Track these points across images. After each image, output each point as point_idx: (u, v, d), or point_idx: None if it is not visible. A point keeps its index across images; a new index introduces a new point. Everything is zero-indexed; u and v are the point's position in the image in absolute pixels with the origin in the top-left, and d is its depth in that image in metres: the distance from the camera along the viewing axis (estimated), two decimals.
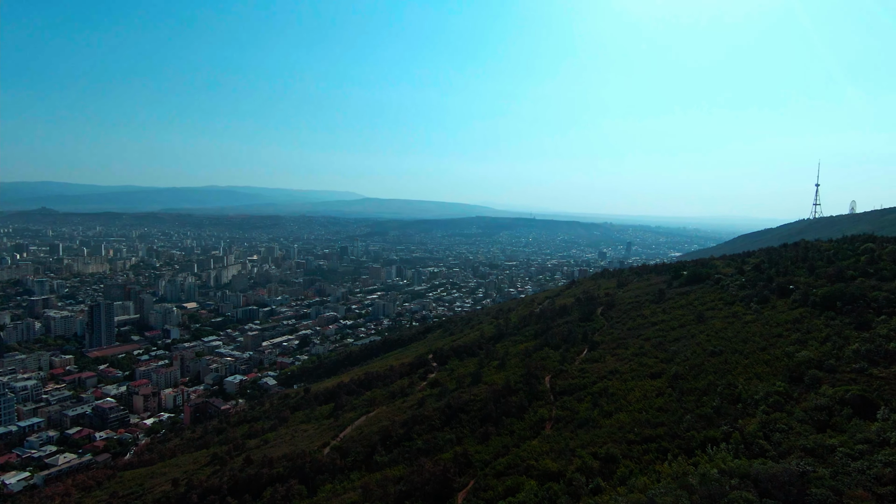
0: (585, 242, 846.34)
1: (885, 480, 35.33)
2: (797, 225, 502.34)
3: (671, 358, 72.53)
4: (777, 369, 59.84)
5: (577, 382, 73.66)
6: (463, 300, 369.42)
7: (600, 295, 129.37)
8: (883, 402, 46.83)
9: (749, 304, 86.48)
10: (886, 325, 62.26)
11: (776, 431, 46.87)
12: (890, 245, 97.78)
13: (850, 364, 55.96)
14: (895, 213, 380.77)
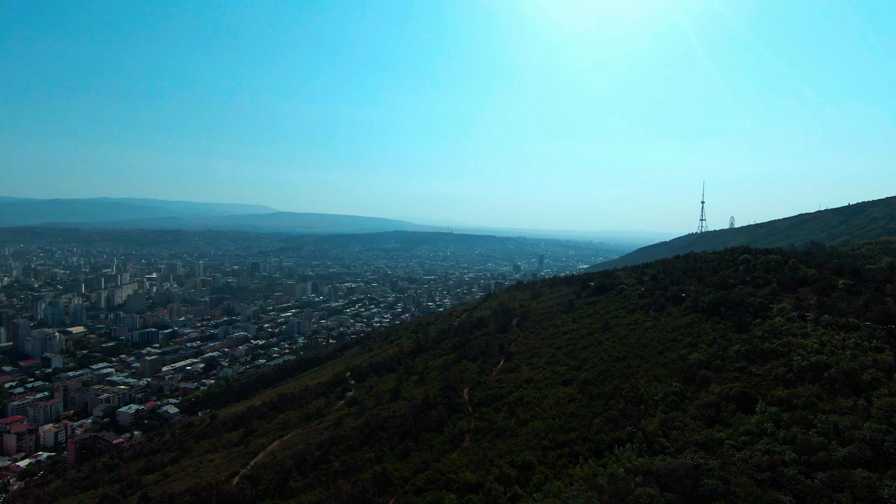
0: (501, 256, 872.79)
1: (764, 467, 39.41)
2: (687, 238, 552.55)
3: (581, 365, 76.39)
4: (673, 371, 65.04)
5: (495, 393, 75.23)
6: (381, 315, 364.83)
7: (515, 307, 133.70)
8: (761, 397, 52.44)
9: (648, 312, 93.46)
10: (761, 327, 69.97)
11: (673, 429, 50.79)
12: (763, 256, 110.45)
13: (733, 363, 62.17)
14: (767, 227, 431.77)
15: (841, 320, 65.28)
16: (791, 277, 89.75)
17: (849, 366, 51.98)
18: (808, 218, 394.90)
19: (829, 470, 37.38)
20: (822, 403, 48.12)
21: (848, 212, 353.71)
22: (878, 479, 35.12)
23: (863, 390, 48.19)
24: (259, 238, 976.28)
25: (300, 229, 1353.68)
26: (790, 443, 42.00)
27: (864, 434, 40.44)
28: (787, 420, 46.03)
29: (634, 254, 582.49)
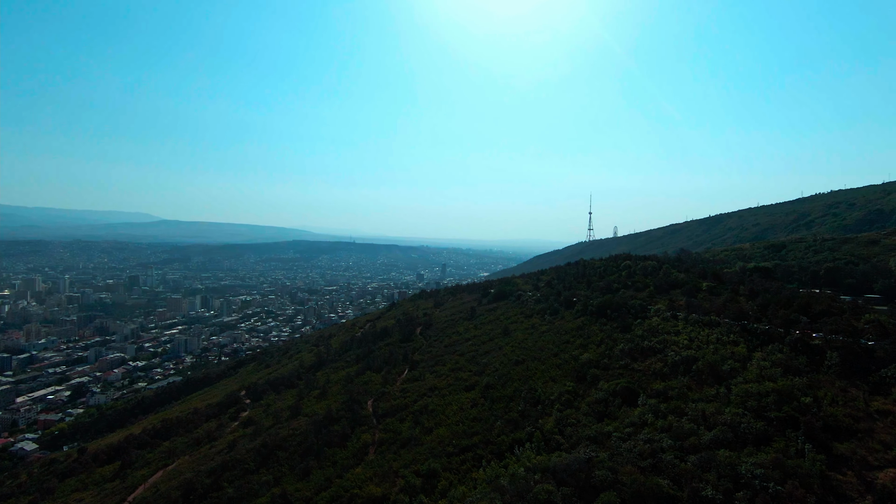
0: (404, 265, 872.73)
1: (646, 455, 43.10)
2: (577, 246, 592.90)
3: (483, 370, 78.55)
4: (567, 371, 69.14)
5: (399, 403, 74.82)
6: (280, 329, 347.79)
7: (419, 315, 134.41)
8: (642, 391, 57.43)
9: (544, 316, 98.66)
10: (641, 327, 76.80)
11: (568, 426, 53.92)
12: (642, 262, 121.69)
13: (618, 361, 67.53)
14: (645, 236, 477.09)
15: (705, 318, 73.62)
16: (665, 281, 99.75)
17: (712, 358, 58.72)
18: (678, 228, 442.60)
19: (698, 453, 41.85)
20: (692, 393, 53.84)
21: (709, 223, 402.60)
22: (737, 458, 39.95)
23: (724, 379, 54.67)
24: (139, 249, 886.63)
25: (188, 239, 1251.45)
26: (667, 431, 46.44)
27: (726, 418, 45.87)
28: (664, 410, 50.87)
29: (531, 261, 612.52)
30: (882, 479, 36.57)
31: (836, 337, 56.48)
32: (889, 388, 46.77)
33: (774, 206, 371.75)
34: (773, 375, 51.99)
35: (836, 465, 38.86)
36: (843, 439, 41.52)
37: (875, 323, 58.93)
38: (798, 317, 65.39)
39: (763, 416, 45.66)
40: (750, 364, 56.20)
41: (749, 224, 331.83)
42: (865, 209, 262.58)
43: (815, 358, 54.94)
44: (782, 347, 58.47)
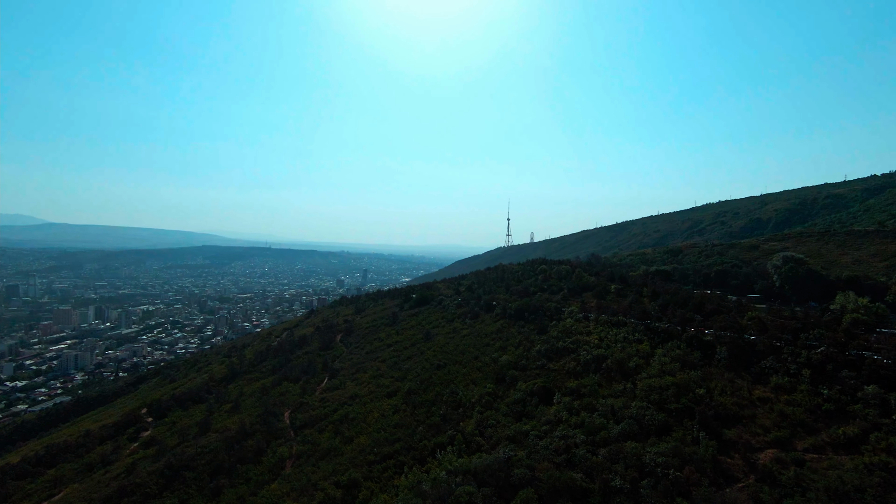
0: (324, 271, 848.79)
1: (561, 451, 44.98)
2: (497, 251, 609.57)
3: (405, 376, 78.25)
4: (487, 374, 70.64)
5: (319, 413, 72.56)
6: (187, 341, 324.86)
7: (339, 322, 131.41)
8: (557, 389, 59.98)
9: (465, 320, 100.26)
10: (556, 328, 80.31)
11: (488, 427, 55.05)
12: (556, 266, 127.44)
13: (535, 362, 70.11)
14: (560, 241, 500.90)
15: (614, 318, 78.42)
16: (578, 284, 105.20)
17: (620, 356, 62.66)
18: (589, 234, 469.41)
19: (608, 445, 44.42)
20: (603, 389, 57.10)
21: (616, 229, 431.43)
22: (642, 448, 42.81)
23: (630, 375, 58.52)
24: (18, 255, 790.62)
25: (79, 244, 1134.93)
26: (580, 427, 48.86)
27: (632, 412, 49.07)
28: (577, 407, 53.50)
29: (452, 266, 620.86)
30: (763, 460, 40.88)
31: (724, 333, 62.40)
32: (768, 378, 52.39)
33: (672, 214, 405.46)
34: (673, 370, 56.47)
35: (725, 450, 42.88)
36: (731, 426, 45.92)
37: (756, 320, 65.85)
38: (693, 315, 71.55)
39: (664, 408, 49.40)
40: (653, 360, 60.58)
41: (651, 230, 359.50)
42: (747, 218, 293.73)
43: (707, 352, 60.35)
44: (680, 344, 63.67)
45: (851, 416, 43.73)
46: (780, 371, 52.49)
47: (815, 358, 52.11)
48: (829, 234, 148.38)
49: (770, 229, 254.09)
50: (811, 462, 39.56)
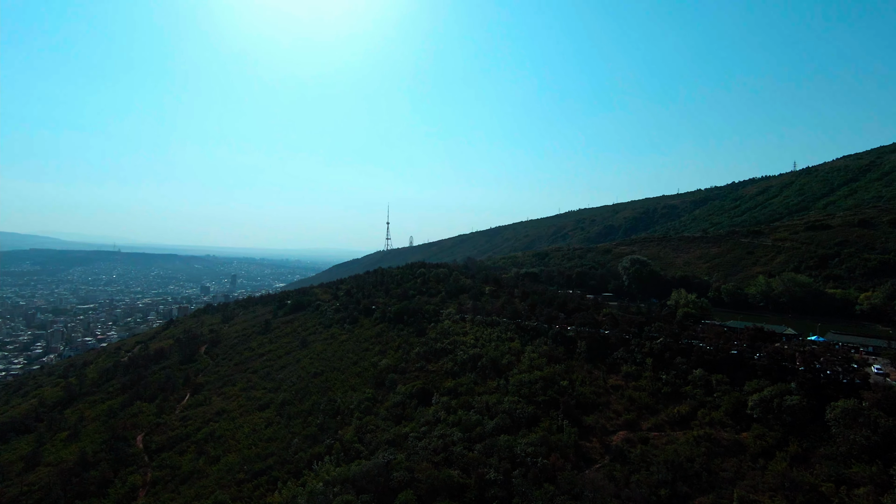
0: (186, 277, 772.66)
1: (439, 450, 45.95)
2: (376, 255, 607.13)
3: (279, 386, 74.33)
4: (366, 379, 69.83)
5: (180, 433, 65.95)
6: (9, 361, 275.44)
7: (204, 332, 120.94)
8: (435, 390, 61.22)
9: (343, 326, 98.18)
10: (435, 330, 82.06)
11: (368, 433, 54.39)
12: (435, 269, 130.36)
13: (414, 364, 70.93)
14: (438, 245, 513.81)
15: (488, 319, 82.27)
16: (455, 286, 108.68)
17: (494, 354, 65.85)
18: (465, 238, 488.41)
19: (483, 440, 46.39)
20: (478, 387, 59.52)
21: (490, 234, 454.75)
22: (514, 440, 45.39)
23: (503, 372, 61.77)
24: None
25: None
26: (457, 425, 50.40)
27: (505, 406, 51.81)
28: (454, 406, 55.15)
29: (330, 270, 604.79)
30: (615, 441, 45.68)
31: (584, 329, 68.66)
32: (619, 367, 58.69)
33: (540, 220, 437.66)
34: (541, 365, 60.79)
35: (585, 435, 47.14)
36: (589, 412, 50.61)
37: (609, 316, 73.44)
38: (558, 313, 77.69)
39: (533, 400, 52.93)
40: (523, 357, 64.61)
41: (521, 235, 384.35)
42: (602, 224, 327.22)
43: (570, 347, 65.90)
44: (547, 340, 68.74)
45: (684, 396, 50.63)
46: (629, 360, 59.06)
47: (655, 348, 59.49)
48: (666, 239, 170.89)
49: (621, 235, 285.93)
50: (654, 439, 45.07)
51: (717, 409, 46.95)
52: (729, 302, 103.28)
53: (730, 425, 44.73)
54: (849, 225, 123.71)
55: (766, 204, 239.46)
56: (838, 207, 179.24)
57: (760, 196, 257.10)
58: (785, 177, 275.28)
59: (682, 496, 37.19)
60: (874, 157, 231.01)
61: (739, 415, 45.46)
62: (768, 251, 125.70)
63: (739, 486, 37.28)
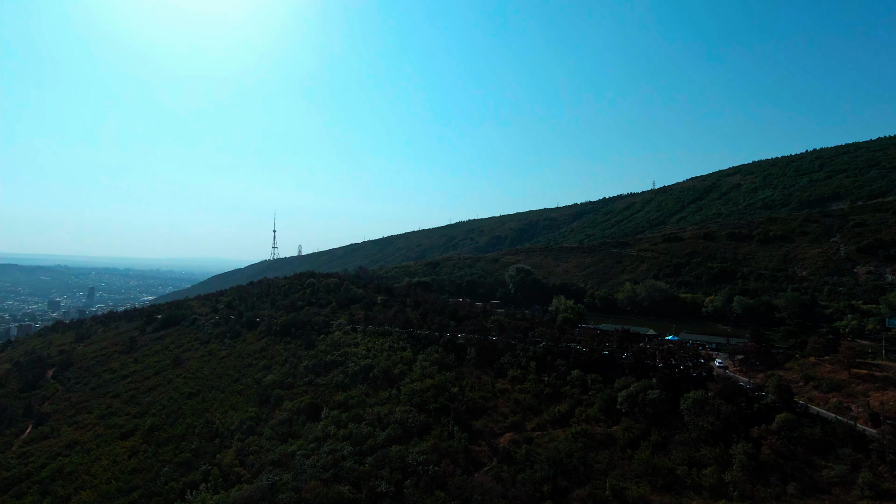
0: (28, 291, 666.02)
1: (329, 466, 44.39)
2: (261, 265, 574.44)
3: (146, 411, 67.01)
4: (249, 396, 65.48)
5: (18, 472, 56.55)
6: None
7: (52, 354, 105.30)
8: (325, 404, 59.23)
9: (223, 340, 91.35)
10: (325, 342, 79.48)
11: (250, 454, 50.97)
12: (325, 279, 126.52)
13: (302, 378, 68.02)
14: (328, 254, 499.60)
15: (380, 329, 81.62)
16: (346, 297, 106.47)
17: (386, 364, 65.40)
18: (357, 247, 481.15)
19: (375, 453, 45.72)
20: (370, 399, 58.65)
21: (383, 243, 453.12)
22: (406, 450, 45.33)
23: (395, 382, 61.53)
24: None
25: None
26: (348, 439, 49.15)
27: (397, 416, 51.59)
28: (345, 419, 53.76)
29: (209, 281, 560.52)
30: (502, 443, 47.58)
31: (473, 336, 70.83)
32: (506, 372, 61.34)
33: (432, 230, 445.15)
34: (432, 373, 61.56)
35: (474, 439, 48.50)
36: (479, 417, 52.19)
37: (497, 322, 76.61)
38: (449, 321, 79.38)
39: (425, 409, 53.37)
40: (415, 365, 64.95)
41: (414, 245, 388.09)
42: (490, 234, 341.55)
43: (460, 354, 67.54)
44: (438, 348, 69.81)
45: (563, 396, 54.25)
46: (515, 365, 61.99)
47: (538, 351, 63.17)
48: (547, 249, 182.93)
49: (507, 244, 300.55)
50: (537, 438, 47.68)
51: (591, 406, 50.96)
52: (602, 307, 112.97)
53: (603, 420, 48.80)
54: (696, 238, 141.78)
55: (631, 218, 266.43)
56: (688, 222, 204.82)
57: (627, 211, 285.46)
58: (647, 194, 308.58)
59: (562, 490, 39.72)
60: (715, 179, 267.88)
61: (611, 410, 49.78)
62: (633, 260, 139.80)
63: (611, 476, 40.74)
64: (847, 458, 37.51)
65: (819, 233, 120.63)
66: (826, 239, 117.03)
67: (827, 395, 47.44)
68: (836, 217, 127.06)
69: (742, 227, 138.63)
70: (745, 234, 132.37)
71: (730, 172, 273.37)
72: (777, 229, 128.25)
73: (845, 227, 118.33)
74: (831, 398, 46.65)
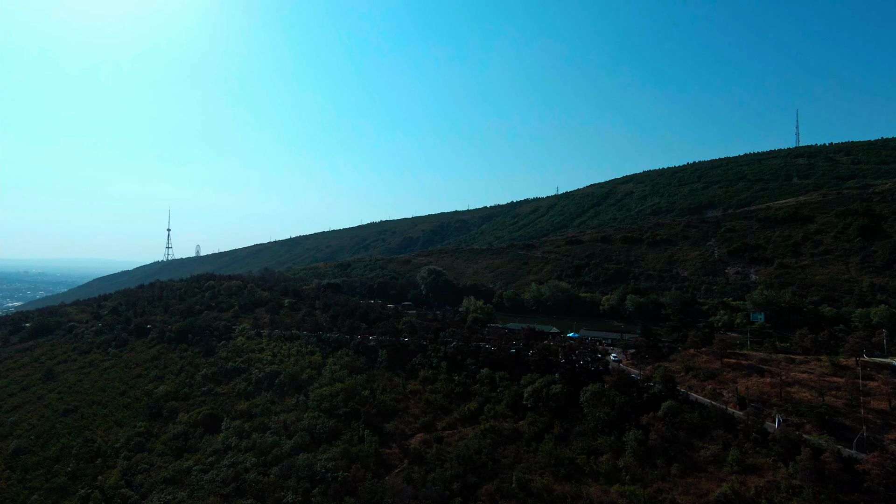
0: None
1: (229, 480, 41.94)
2: (153, 267, 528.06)
3: (10, 432, 58.92)
4: (138, 410, 59.92)
5: None
6: None
7: None
8: (226, 415, 55.79)
9: (107, 350, 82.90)
10: (226, 348, 74.87)
11: (139, 473, 46.68)
12: (226, 282, 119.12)
13: (200, 388, 63.52)
14: (230, 255, 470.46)
15: (287, 333, 78.46)
16: (250, 300, 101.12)
17: (293, 370, 62.96)
18: (262, 248, 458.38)
19: (280, 462, 43.81)
20: (276, 406, 56.15)
21: (290, 243, 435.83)
22: (314, 458, 43.93)
23: (303, 387, 59.45)
24: None
25: None
26: (251, 449, 46.64)
27: (304, 423, 49.84)
28: (248, 429, 50.98)
29: (90, 285, 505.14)
30: (413, 444, 47.68)
31: (385, 338, 70.31)
32: (418, 373, 61.57)
33: (342, 231, 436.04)
34: (342, 376, 60.21)
35: (386, 442, 48.13)
36: (390, 419, 51.91)
37: (409, 324, 76.68)
38: (360, 324, 78.16)
39: (334, 413, 52.09)
40: (324, 370, 63.18)
41: (323, 246, 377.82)
42: (403, 236, 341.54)
43: (372, 356, 66.77)
44: (349, 351, 68.49)
45: (473, 394, 55.50)
46: (426, 365, 62.41)
47: (449, 351, 64.14)
48: (458, 251, 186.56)
49: (419, 246, 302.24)
50: (448, 437, 48.35)
51: (500, 403, 52.65)
52: (509, 306, 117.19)
53: (510, 416, 50.60)
54: (595, 241, 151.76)
55: (537, 221, 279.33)
56: (588, 226, 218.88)
57: (533, 214, 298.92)
58: (551, 199, 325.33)
59: (471, 486, 40.62)
60: (611, 186, 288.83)
61: (518, 406, 51.74)
62: (539, 262, 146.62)
63: (517, 469, 42.35)
64: (719, 439, 42.04)
65: (698, 237, 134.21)
66: (703, 243, 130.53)
67: (703, 382, 52.83)
68: (711, 223, 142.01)
69: (634, 232, 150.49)
70: (636, 237, 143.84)
71: (624, 181, 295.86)
72: (663, 234, 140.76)
73: (718, 232, 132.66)
74: (707, 385, 52.00)
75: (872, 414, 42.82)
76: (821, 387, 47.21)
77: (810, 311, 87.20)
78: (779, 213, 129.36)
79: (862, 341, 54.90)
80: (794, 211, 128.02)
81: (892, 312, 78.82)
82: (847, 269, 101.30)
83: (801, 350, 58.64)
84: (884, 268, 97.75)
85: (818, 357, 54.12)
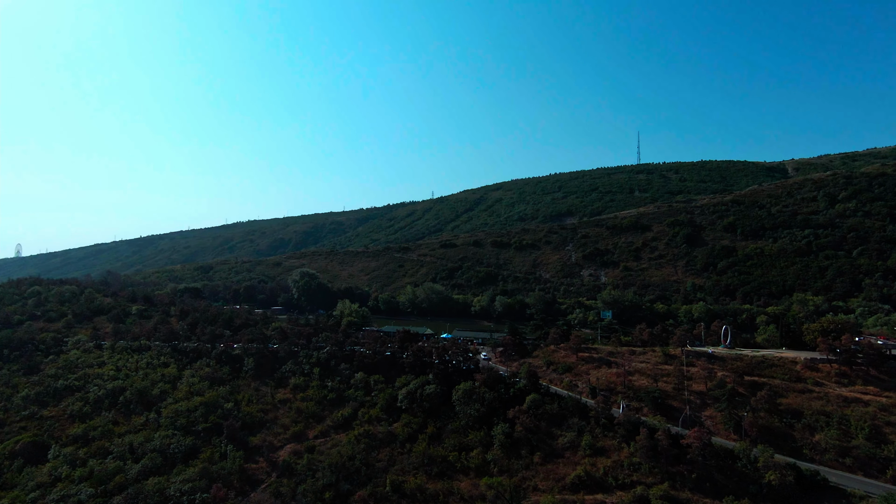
0: None
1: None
2: None
3: None
4: None
5: None
6: None
7: None
8: (55, 441, 48.02)
9: None
10: (55, 364, 64.49)
11: None
12: (56, 287, 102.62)
13: (20, 412, 53.92)
14: (62, 256, 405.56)
15: (135, 343, 69.96)
16: (88, 308, 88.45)
17: (141, 385, 56.29)
18: (104, 248, 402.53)
19: (125, 490, 38.84)
20: (119, 427, 49.66)
21: (140, 243, 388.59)
22: (166, 481, 39.69)
23: (154, 404, 53.38)
24: None
25: None
26: (87, 479, 40.69)
27: (155, 444, 44.78)
28: (83, 456, 44.39)
29: None
30: (282, 456, 45.35)
31: (252, 345, 65.99)
32: (288, 380, 58.74)
33: (203, 230, 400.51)
34: (202, 389, 55.22)
35: (251, 456, 45.14)
36: (256, 432, 48.81)
37: (279, 329, 72.84)
38: (223, 331, 72.44)
39: (192, 430, 47.56)
40: (180, 383, 57.48)
41: (181, 246, 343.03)
42: (273, 237, 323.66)
43: (236, 366, 62.22)
44: (210, 361, 63.06)
45: (347, 399, 54.43)
46: (297, 372, 59.81)
47: (322, 357, 62.21)
48: (333, 253, 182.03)
49: (292, 248, 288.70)
50: (319, 446, 46.80)
51: (374, 407, 52.31)
52: (385, 309, 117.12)
53: (385, 419, 50.51)
54: (467, 244, 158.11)
55: (412, 224, 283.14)
56: (461, 230, 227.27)
57: (409, 217, 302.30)
58: (427, 203, 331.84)
59: (344, 494, 39.75)
60: (483, 192, 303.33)
61: (392, 408, 51.85)
62: (415, 265, 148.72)
63: (391, 472, 42.42)
64: (575, 426, 46.22)
65: (558, 242, 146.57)
66: (563, 247, 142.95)
67: (562, 375, 57.72)
68: (569, 230, 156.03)
69: (503, 236, 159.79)
70: (505, 242, 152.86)
71: (495, 188, 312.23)
72: (529, 238, 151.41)
73: (575, 237, 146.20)
74: (565, 378, 56.88)
75: (694, 395, 50.28)
76: (655, 374, 54.26)
77: (648, 308, 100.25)
78: (624, 222, 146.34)
79: (686, 333, 64.61)
80: (636, 220, 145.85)
81: (709, 308, 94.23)
82: (675, 272, 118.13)
83: (641, 342, 66.99)
84: (703, 270, 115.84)
85: (653, 348, 62.19)
